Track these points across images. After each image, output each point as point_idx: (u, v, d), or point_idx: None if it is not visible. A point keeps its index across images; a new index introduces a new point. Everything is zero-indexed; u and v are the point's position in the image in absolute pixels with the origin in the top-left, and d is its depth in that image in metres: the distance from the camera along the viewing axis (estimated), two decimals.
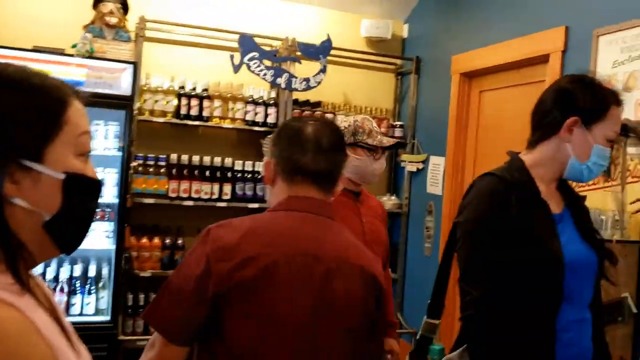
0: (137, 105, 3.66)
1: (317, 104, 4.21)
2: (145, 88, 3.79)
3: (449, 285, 1.66)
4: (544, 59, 3.14)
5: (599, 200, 2.59)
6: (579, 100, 1.47)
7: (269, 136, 1.55)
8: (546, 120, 1.51)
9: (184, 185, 3.78)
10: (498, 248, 1.42)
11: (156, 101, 3.78)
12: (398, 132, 4.34)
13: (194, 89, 3.88)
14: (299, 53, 4.02)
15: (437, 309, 1.64)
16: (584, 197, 1.62)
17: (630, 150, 2.42)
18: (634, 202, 2.04)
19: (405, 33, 4.64)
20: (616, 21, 2.68)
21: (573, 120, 1.47)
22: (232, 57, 3.83)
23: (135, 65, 3.52)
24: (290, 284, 1.24)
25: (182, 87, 3.87)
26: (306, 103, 4.17)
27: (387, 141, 2.31)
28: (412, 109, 4.40)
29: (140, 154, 3.73)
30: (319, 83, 4.02)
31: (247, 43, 3.87)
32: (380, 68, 4.61)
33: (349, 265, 1.32)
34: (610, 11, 2.74)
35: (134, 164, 3.63)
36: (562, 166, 1.51)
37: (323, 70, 4.02)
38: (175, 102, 3.83)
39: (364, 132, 2.28)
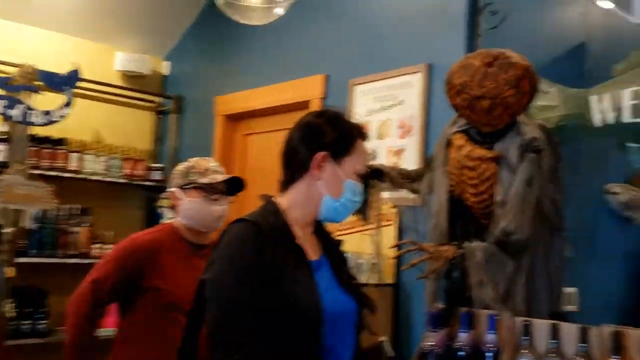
0: None
1: (60, 141, 3.68)
2: None
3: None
4: (305, 105, 3.16)
5: (356, 243, 2.61)
6: (325, 134, 1.40)
7: None
8: (295, 159, 1.42)
9: None
10: (253, 304, 1.24)
11: None
12: (157, 175, 4.01)
13: None
14: (39, 82, 3.48)
15: None
16: (341, 242, 1.53)
17: (385, 194, 2.48)
18: (393, 247, 2.04)
19: (166, 70, 4.39)
20: (369, 72, 2.80)
21: (322, 156, 1.39)
22: None
23: None
24: None
25: None
26: (46, 140, 3.62)
27: (222, 177, 2.05)
28: (173, 151, 4.12)
29: None
30: (62, 117, 3.50)
31: None
32: (138, 105, 4.26)
33: None
34: (364, 63, 2.87)
35: None
36: (317, 207, 1.42)
37: (68, 104, 3.52)
38: None
39: (196, 172, 2.04)
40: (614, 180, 3.01)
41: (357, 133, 1.45)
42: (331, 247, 1.48)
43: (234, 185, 2.12)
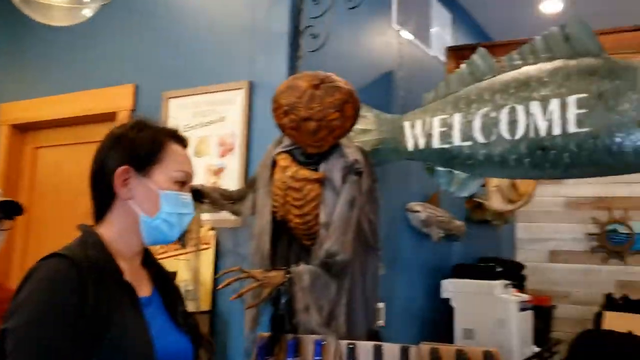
0: None
1: None
2: None
3: None
4: (111, 117, 2.89)
5: (171, 269, 2.42)
6: (126, 145, 1.23)
7: None
8: (103, 181, 1.22)
9: None
10: (71, 354, 1.03)
11: None
12: None
13: None
14: None
15: None
16: (174, 274, 1.37)
17: (203, 216, 2.35)
18: (220, 275, 1.91)
19: None
20: (187, 86, 2.65)
21: (122, 171, 1.20)
22: None
23: None
24: None
25: None
26: None
27: None
28: None
29: None
30: None
31: None
32: None
33: None
34: (181, 75, 2.71)
35: None
36: (139, 231, 1.23)
37: None
38: None
39: None
40: (418, 201, 3.27)
41: (167, 137, 1.27)
42: (163, 280, 1.31)
43: (9, 209, 1.76)
